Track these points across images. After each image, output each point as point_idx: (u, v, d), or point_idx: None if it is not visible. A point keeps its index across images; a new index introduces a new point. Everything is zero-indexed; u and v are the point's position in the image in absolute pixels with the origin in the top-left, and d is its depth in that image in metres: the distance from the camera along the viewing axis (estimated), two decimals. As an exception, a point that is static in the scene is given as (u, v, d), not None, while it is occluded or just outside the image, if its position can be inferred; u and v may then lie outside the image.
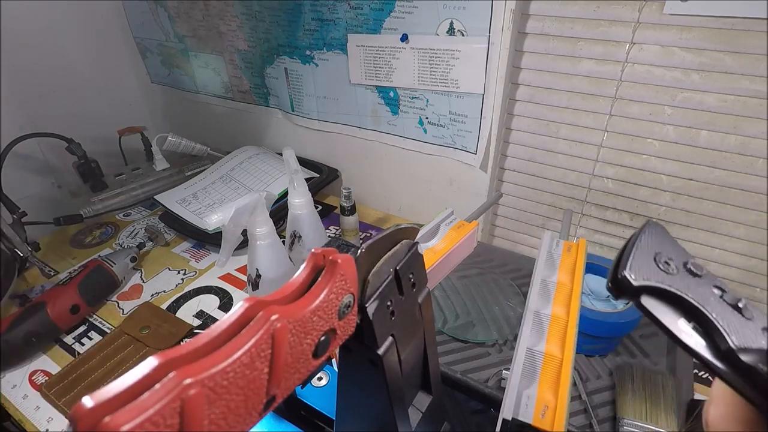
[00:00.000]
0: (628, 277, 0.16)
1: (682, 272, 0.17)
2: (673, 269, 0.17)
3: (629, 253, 0.17)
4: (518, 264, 0.75)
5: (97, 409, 0.12)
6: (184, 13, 0.97)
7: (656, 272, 0.16)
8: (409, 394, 0.33)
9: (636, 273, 0.16)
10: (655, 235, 0.18)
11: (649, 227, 0.18)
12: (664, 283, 0.16)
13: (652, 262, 0.17)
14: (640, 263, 0.17)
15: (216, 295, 0.74)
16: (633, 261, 0.17)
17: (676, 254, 0.17)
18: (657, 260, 0.17)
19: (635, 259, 0.17)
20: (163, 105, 1.20)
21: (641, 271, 0.16)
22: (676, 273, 0.17)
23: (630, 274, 0.16)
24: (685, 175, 0.63)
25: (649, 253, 0.17)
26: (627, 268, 0.16)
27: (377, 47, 0.75)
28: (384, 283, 0.26)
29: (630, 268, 0.16)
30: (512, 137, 0.74)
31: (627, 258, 0.17)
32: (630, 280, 0.16)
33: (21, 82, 0.90)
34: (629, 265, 0.16)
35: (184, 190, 0.93)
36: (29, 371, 0.62)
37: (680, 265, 0.17)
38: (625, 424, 0.48)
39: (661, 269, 0.17)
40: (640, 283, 0.16)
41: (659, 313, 0.16)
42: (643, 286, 0.16)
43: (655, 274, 0.16)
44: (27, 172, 0.93)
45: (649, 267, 0.17)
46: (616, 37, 0.59)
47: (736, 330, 0.15)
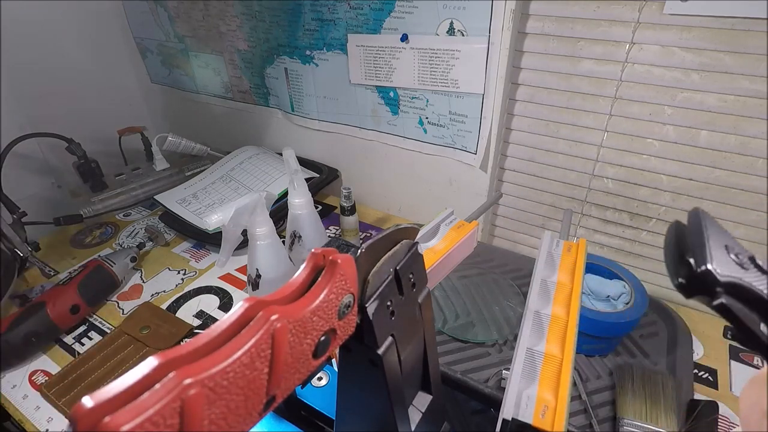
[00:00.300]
0: (714, 271, 0.13)
1: (752, 268, 0.14)
2: (746, 263, 0.14)
3: (702, 242, 0.13)
4: (518, 264, 0.75)
5: (97, 409, 0.12)
6: (184, 13, 0.97)
7: (733, 266, 0.13)
8: (409, 394, 0.33)
9: (720, 268, 0.13)
10: (713, 223, 0.14)
11: (702, 213, 0.15)
12: (744, 280, 0.13)
13: (726, 256, 0.14)
14: (719, 258, 0.13)
15: (216, 295, 0.74)
16: (710, 254, 0.13)
17: (740, 247, 0.14)
18: (730, 254, 0.14)
19: (712, 251, 0.13)
20: (163, 105, 1.20)
21: (723, 266, 0.13)
22: (749, 269, 0.14)
23: (715, 268, 0.13)
24: (685, 175, 0.63)
25: (720, 243, 0.14)
26: (709, 261, 0.13)
27: (377, 47, 0.75)
28: (384, 283, 0.26)
29: (713, 260, 0.13)
30: (512, 137, 0.74)
31: (703, 248, 0.13)
32: (716, 275, 0.13)
33: (21, 82, 0.90)
34: (710, 257, 0.13)
35: (184, 190, 0.93)
36: (29, 371, 0.62)
37: (747, 259, 0.14)
38: (625, 424, 0.48)
39: (736, 262, 0.13)
40: (726, 278, 0.13)
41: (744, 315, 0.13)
42: (728, 283, 0.13)
43: (733, 268, 0.13)
44: (27, 172, 0.93)
45: (726, 260, 0.13)
46: (616, 37, 0.59)
47: None
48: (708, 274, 0.13)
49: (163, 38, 1.05)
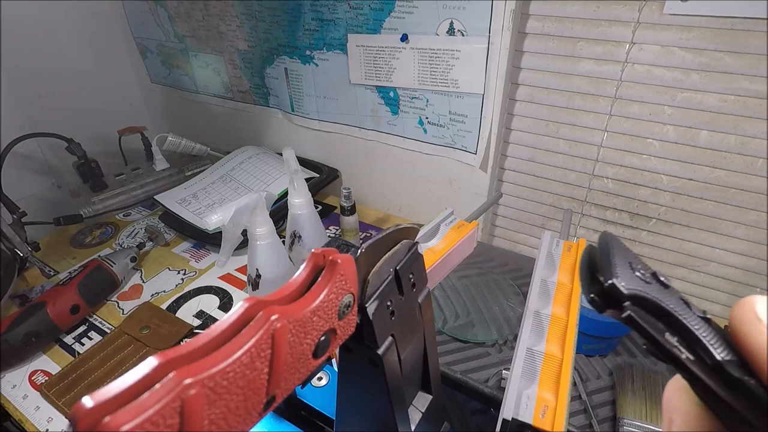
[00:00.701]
0: (618, 285, 0.15)
1: (655, 283, 0.15)
2: (648, 278, 0.15)
3: (609, 261, 0.15)
4: (518, 264, 0.75)
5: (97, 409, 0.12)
6: (184, 13, 0.97)
7: (638, 281, 0.15)
8: (409, 394, 0.33)
9: (625, 282, 0.15)
10: (619, 244, 0.16)
11: (609, 236, 0.17)
12: (649, 294, 0.15)
13: (630, 270, 0.15)
14: (623, 274, 0.15)
15: (216, 295, 0.74)
16: (617, 271, 0.15)
17: (643, 264, 0.16)
18: (634, 269, 0.15)
19: (618, 269, 0.15)
20: (163, 105, 1.20)
21: (626, 279, 0.15)
22: (652, 283, 0.15)
23: (620, 282, 0.15)
24: (685, 175, 0.63)
25: (624, 261, 0.15)
26: (614, 276, 0.15)
27: (377, 47, 0.75)
28: (384, 283, 0.26)
29: (618, 276, 0.15)
30: (512, 137, 0.74)
31: (609, 265, 0.15)
32: (620, 288, 0.15)
33: (21, 82, 0.90)
34: (615, 273, 0.15)
35: (184, 190, 0.93)
36: (29, 371, 0.62)
37: (650, 275, 0.16)
38: (625, 424, 0.48)
39: (640, 278, 0.15)
40: (630, 291, 0.15)
41: (651, 326, 0.15)
42: (633, 295, 0.15)
43: (638, 283, 0.15)
44: (27, 172, 0.93)
45: (630, 276, 0.15)
46: (616, 37, 0.59)
47: (715, 343, 0.14)
48: (614, 288, 0.15)
49: (163, 38, 1.05)
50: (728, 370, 0.14)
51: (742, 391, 0.14)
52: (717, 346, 0.14)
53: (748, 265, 0.64)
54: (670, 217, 0.67)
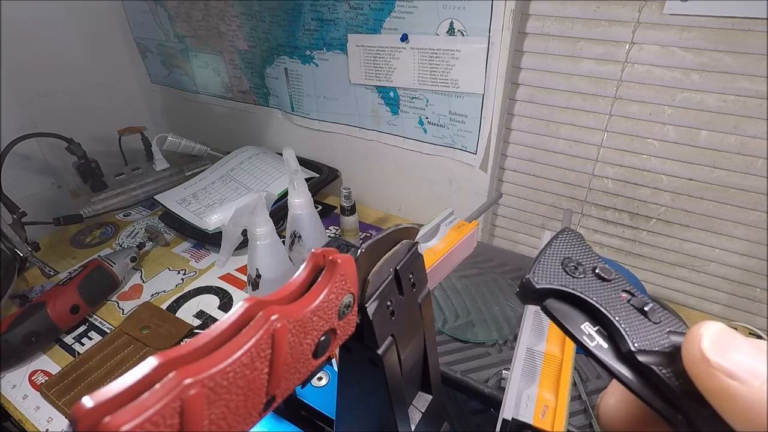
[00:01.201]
0: (531, 280, 0.16)
1: (589, 276, 0.17)
2: (581, 273, 0.17)
3: (536, 259, 0.17)
4: (518, 264, 0.75)
5: (97, 409, 0.12)
6: (184, 13, 0.97)
7: (562, 276, 0.17)
8: (409, 394, 0.33)
9: (540, 277, 0.16)
10: (567, 241, 0.18)
11: (562, 234, 0.18)
12: (568, 286, 0.16)
13: (559, 266, 0.17)
14: (547, 268, 0.17)
15: (216, 295, 0.74)
16: (538, 266, 0.17)
17: (587, 259, 0.17)
18: (565, 264, 0.17)
19: (541, 264, 0.17)
20: (163, 105, 1.20)
21: (547, 275, 0.16)
22: (583, 277, 0.17)
23: (533, 278, 0.16)
24: (685, 175, 0.63)
25: (557, 259, 0.17)
26: (530, 273, 0.16)
27: (377, 47, 0.75)
28: (384, 283, 0.26)
29: (534, 273, 0.16)
30: (512, 137, 0.74)
31: (533, 263, 0.17)
32: (533, 283, 0.16)
33: (21, 81, 0.90)
34: (533, 270, 0.17)
35: (184, 190, 0.93)
36: (29, 371, 0.62)
37: (589, 269, 0.17)
38: (625, 424, 0.48)
39: (567, 273, 0.17)
40: (542, 286, 0.16)
41: (562, 316, 0.16)
42: (546, 289, 0.16)
43: (560, 278, 0.16)
44: (27, 172, 0.93)
45: (555, 272, 0.17)
46: (616, 37, 0.59)
47: (638, 333, 0.15)
48: (527, 283, 0.16)
49: (163, 38, 1.05)
50: (638, 358, 0.14)
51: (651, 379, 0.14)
52: (637, 336, 0.15)
53: (748, 265, 0.64)
54: (670, 217, 0.67)
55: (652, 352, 0.15)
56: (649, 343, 0.15)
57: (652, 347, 0.15)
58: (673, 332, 0.15)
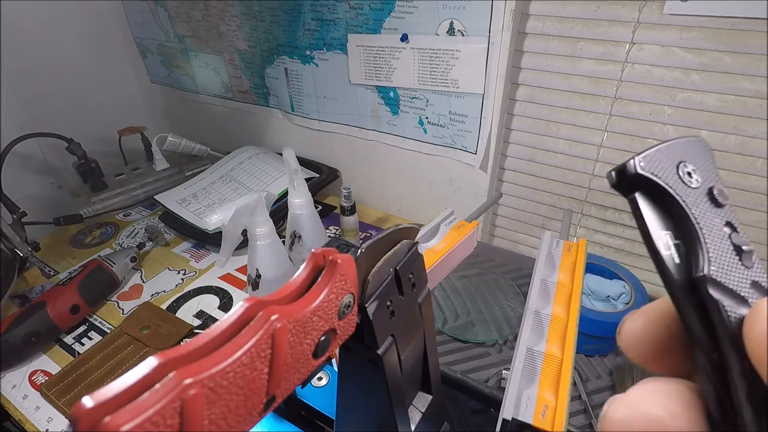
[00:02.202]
0: (636, 162, 0.14)
1: (700, 191, 0.14)
2: (693, 182, 0.14)
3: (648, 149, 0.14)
4: (518, 264, 0.75)
5: (97, 409, 0.12)
6: (184, 13, 0.97)
7: (670, 175, 0.14)
8: (409, 394, 0.33)
9: (648, 164, 0.14)
10: (692, 147, 0.15)
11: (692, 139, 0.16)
12: (672, 187, 0.14)
13: (673, 165, 0.14)
14: (658, 161, 0.14)
15: (216, 295, 0.74)
16: (650, 154, 0.14)
17: (706, 173, 0.15)
18: (679, 167, 0.14)
19: (656, 152, 0.14)
20: (163, 105, 1.20)
21: (655, 165, 0.14)
22: (692, 188, 0.14)
23: (639, 161, 0.14)
24: (685, 175, 0.63)
25: (673, 157, 0.15)
26: (639, 156, 0.14)
27: (377, 47, 0.75)
28: (384, 283, 0.26)
29: (644, 156, 0.14)
30: (512, 137, 0.74)
31: (645, 150, 0.14)
32: (636, 165, 0.14)
33: (21, 81, 0.90)
34: (644, 155, 0.14)
35: (184, 190, 0.93)
36: (29, 371, 0.62)
37: (703, 184, 0.15)
38: (625, 424, 0.48)
39: (678, 175, 0.14)
40: (645, 173, 0.14)
41: (647, 214, 0.14)
42: (647, 179, 0.14)
43: (667, 175, 0.14)
44: (27, 172, 0.93)
45: (666, 168, 0.14)
46: (616, 37, 0.59)
47: (721, 264, 0.13)
48: (628, 164, 0.14)
49: (163, 38, 1.05)
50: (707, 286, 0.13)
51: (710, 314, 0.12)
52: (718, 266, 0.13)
53: (748, 265, 0.64)
54: (670, 217, 0.67)
55: (725, 288, 0.13)
56: (726, 279, 0.13)
57: (728, 284, 0.13)
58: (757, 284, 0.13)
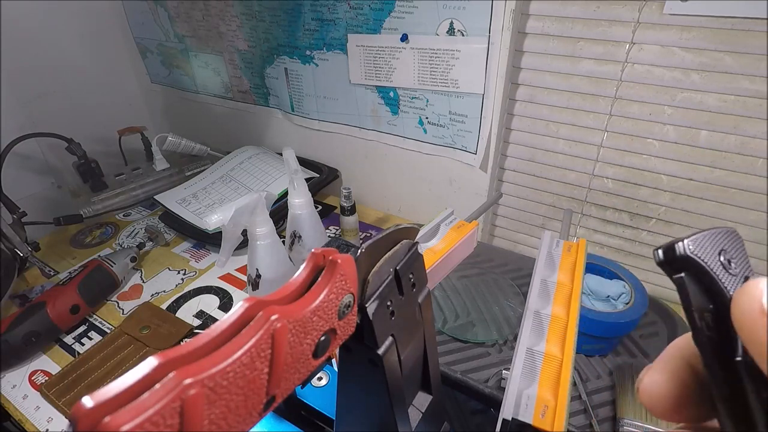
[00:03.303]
0: (686, 244, 0.15)
1: (737, 279, 0.15)
2: (732, 269, 0.15)
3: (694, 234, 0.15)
4: (518, 264, 0.75)
5: (97, 409, 0.12)
6: (184, 13, 0.97)
7: (714, 260, 0.15)
8: (409, 394, 0.33)
9: (697, 247, 0.15)
10: (729, 237, 0.17)
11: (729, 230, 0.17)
12: (714, 271, 0.15)
13: (715, 252, 0.15)
14: (703, 246, 0.15)
15: (216, 295, 0.74)
16: (698, 237, 0.15)
17: (742, 263, 0.16)
18: (721, 254, 0.15)
19: (702, 238, 0.15)
20: (163, 105, 1.20)
21: (701, 251, 0.15)
22: (733, 275, 0.15)
23: (689, 243, 0.15)
24: (685, 175, 0.63)
25: (715, 245, 0.16)
26: (687, 240, 0.15)
27: (377, 47, 0.75)
28: (384, 283, 0.26)
29: (692, 240, 0.15)
30: (512, 137, 0.74)
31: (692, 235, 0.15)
32: (686, 248, 0.15)
33: (21, 82, 0.90)
34: (692, 239, 0.15)
35: (184, 190, 0.93)
36: (29, 371, 0.62)
37: (741, 273, 0.16)
38: (625, 424, 0.48)
39: (720, 261, 0.15)
40: (693, 255, 0.15)
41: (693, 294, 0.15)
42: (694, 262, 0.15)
43: (712, 260, 0.15)
44: (27, 172, 0.93)
45: (710, 254, 0.15)
46: (616, 37, 0.59)
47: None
48: (678, 245, 0.15)
49: (163, 38, 1.05)
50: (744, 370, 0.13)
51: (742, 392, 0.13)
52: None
53: (748, 265, 0.64)
54: (670, 217, 0.67)
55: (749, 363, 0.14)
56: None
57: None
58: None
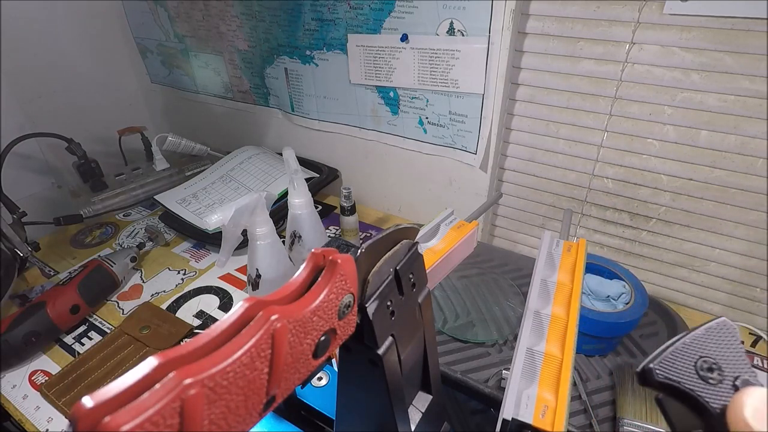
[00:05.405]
0: (654, 370, 0.15)
1: (725, 384, 0.15)
2: (715, 380, 0.15)
3: (668, 346, 0.16)
4: (518, 264, 0.75)
5: (97, 409, 0.12)
6: (184, 13, 0.97)
7: (690, 376, 0.15)
8: (409, 394, 0.33)
9: (664, 369, 0.15)
10: (716, 337, 0.16)
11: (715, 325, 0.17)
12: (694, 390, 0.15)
13: (691, 364, 0.15)
14: (675, 362, 0.15)
15: (216, 295, 0.74)
16: (666, 356, 0.16)
17: (731, 365, 0.16)
18: (698, 364, 0.15)
19: (672, 354, 0.16)
20: (163, 105, 1.20)
21: (672, 369, 0.15)
22: (716, 384, 0.15)
23: (655, 368, 0.15)
24: (685, 175, 0.63)
25: (692, 354, 0.16)
26: (656, 361, 0.16)
27: (377, 47, 0.75)
28: (384, 283, 0.26)
29: (658, 362, 0.15)
30: (512, 137, 0.74)
31: (663, 350, 0.16)
32: (653, 374, 0.15)
33: (21, 81, 0.90)
34: (659, 359, 0.16)
35: (184, 190, 0.93)
36: (29, 371, 0.62)
37: (728, 378, 0.15)
38: (625, 424, 0.48)
39: (699, 375, 0.15)
40: (663, 381, 0.15)
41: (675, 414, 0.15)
42: (667, 384, 0.15)
43: (687, 377, 0.15)
44: (27, 172, 0.93)
45: (684, 367, 0.15)
46: (616, 37, 0.59)
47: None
48: (648, 372, 0.16)
49: (163, 38, 1.05)
50: None
51: None
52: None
53: (748, 265, 0.64)
54: (670, 217, 0.67)
55: None
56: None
57: None
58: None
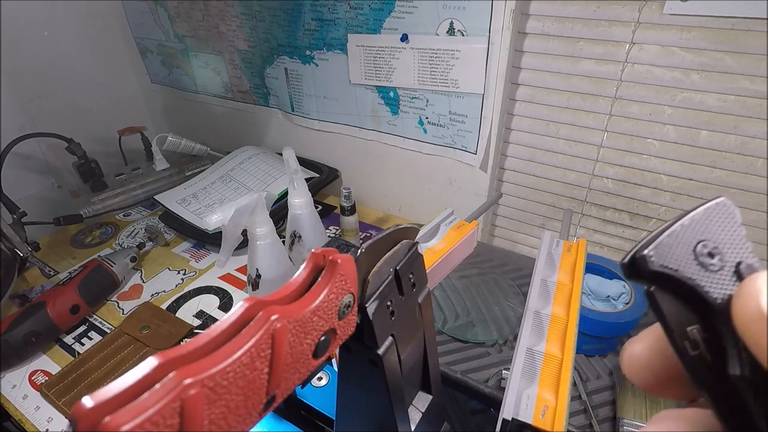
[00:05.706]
0: (647, 258, 0.13)
1: (725, 272, 0.13)
2: (715, 264, 0.13)
3: (662, 231, 0.13)
4: (518, 264, 0.75)
5: (97, 409, 0.12)
6: (184, 13, 0.97)
7: (687, 262, 0.13)
8: (409, 394, 0.33)
9: (660, 256, 0.13)
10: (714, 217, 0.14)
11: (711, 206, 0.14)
12: (692, 278, 0.13)
13: (690, 248, 0.13)
14: (671, 247, 0.13)
15: (216, 295, 0.74)
16: (663, 240, 0.13)
17: (731, 247, 0.14)
18: (697, 249, 0.13)
19: (668, 239, 0.13)
20: (163, 105, 1.20)
21: (669, 255, 0.13)
22: (717, 270, 0.13)
23: (650, 255, 0.13)
24: (685, 175, 0.63)
25: (689, 238, 0.14)
26: (649, 247, 0.13)
27: (377, 47, 0.75)
28: (384, 283, 0.26)
29: (652, 248, 0.13)
30: (512, 137, 0.74)
31: (657, 236, 0.13)
32: (647, 262, 0.13)
33: (21, 82, 0.90)
34: (655, 244, 0.13)
35: (184, 190, 0.93)
36: (29, 371, 0.62)
37: (729, 262, 0.13)
38: (625, 424, 0.48)
39: (698, 261, 0.13)
40: (657, 269, 0.13)
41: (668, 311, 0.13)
42: (661, 274, 0.13)
43: (684, 263, 0.13)
44: (27, 172, 0.93)
45: (682, 253, 0.13)
46: (616, 37, 0.59)
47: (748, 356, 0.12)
48: (640, 260, 0.13)
49: (163, 38, 1.05)
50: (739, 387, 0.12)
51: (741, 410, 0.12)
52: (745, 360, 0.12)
53: (748, 265, 0.64)
54: (670, 217, 0.67)
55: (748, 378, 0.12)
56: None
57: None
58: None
